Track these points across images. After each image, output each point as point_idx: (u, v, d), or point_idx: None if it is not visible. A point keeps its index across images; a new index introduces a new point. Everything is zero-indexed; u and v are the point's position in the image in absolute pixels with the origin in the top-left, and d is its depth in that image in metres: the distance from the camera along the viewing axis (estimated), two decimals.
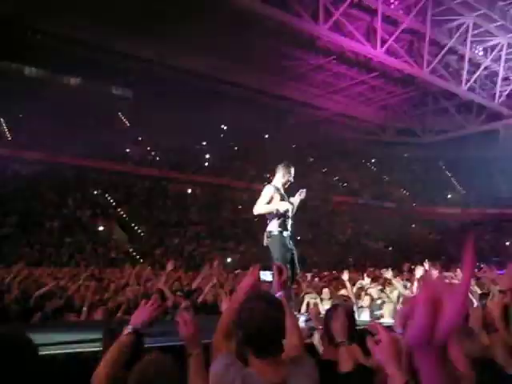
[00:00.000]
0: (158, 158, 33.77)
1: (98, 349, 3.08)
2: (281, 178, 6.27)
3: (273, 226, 6.16)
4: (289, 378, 2.27)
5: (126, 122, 34.79)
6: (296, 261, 6.10)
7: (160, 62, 30.21)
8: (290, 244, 6.11)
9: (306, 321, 5.01)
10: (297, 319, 3.02)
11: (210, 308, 7.47)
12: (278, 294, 2.86)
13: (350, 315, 3.22)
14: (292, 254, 6.09)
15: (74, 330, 4.80)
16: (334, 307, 3.16)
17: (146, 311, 2.62)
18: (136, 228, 28.46)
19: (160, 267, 16.40)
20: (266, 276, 2.98)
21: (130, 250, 26.34)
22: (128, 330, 2.52)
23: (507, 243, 39.82)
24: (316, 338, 3.52)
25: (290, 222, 6.25)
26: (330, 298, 8.75)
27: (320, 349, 3.40)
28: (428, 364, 1.10)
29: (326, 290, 9.08)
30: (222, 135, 39.23)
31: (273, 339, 2.28)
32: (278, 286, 2.92)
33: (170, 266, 8.06)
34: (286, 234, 6.12)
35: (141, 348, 2.63)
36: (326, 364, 2.84)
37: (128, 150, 32.92)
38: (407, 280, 9.94)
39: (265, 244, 6.10)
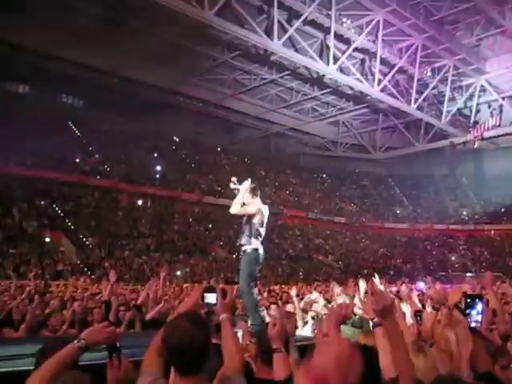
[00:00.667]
0: (108, 169, 33.24)
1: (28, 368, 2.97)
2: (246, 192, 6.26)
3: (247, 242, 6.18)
4: None
5: (77, 132, 34.15)
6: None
7: (112, 73, 29.86)
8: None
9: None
10: (239, 341, 3.02)
11: (160, 324, 7.35)
12: (222, 317, 2.85)
13: (286, 328, 3.25)
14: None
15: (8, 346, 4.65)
16: (272, 318, 3.21)
17: (103, 333, 2.55)
18: (84, 240, 27.91)
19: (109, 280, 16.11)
20: (211, 298, 2.97)
21: (78, 262, 25.79)
22: (81, 343, 2.45)
23: (452, 258, 40.86)
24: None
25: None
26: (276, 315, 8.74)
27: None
28: None
29: (273, 307, 9.07)
30: (173, 147, 39.00)
31: (194, 358, 2.30)
32: (221, 309, 2.92)
33: (112, 277, 7.85)
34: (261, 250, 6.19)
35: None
36: (260, 382, 2.84)
37: (77, 161, 32.31)
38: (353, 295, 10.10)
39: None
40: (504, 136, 34.43)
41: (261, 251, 6.22)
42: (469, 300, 2.92)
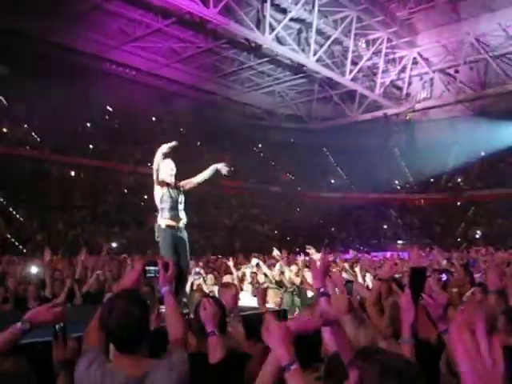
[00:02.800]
0: (38, 139, 32.13)
1: None
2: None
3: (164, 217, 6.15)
4: (149, 372, 2.31)
5: (3, 101, 32.74)
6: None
7: (40, 38, 28.71)
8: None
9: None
10: (181, 313, 3.02)
11: (95, 297, 7.28)
12: (164, 290, 2.85)
13: (221, 305, 3.25)
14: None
15: None
16: (202, 299, 3.17)
17: (49, 314, 2.49)
18: (15, 213, 27.04)
19: (42, 253, 15.75)
20: (153, 271, 2.96)
21: (9, 236, 25.00)
22: (24, 326, 2.38)
23: (385, 226, 42.12)
24: None
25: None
26: (214, 284, 8.83)
27: None
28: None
29: (210, 276, 9.15)
30: (107, 117, 38.08)
31: (130, 336, 2.31)
32: (163, 281, 2.90)
33: (47, 256, 7.70)
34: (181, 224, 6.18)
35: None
36: (196, 356, 2.85)
37: (5, 130, 31.06)
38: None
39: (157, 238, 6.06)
40: (434, 108, 35.49)
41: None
42: (413, 273, 3.04)
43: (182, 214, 6.26)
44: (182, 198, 6.33)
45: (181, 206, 6.29)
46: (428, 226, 39.53)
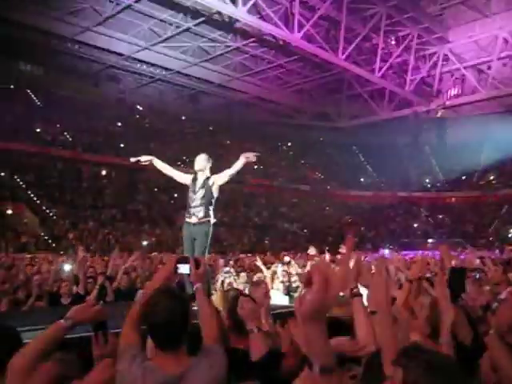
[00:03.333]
0: (70, 139, 32.64)
1: None
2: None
3: (211, 213, 6.19)
4: (190, 369, 2.33)
5: (36, 101, 33.32)
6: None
7: (71, 38, 29.11)
8: None
9: None
10: (216, 310, 3.04)
11: (126, 294, 7.37)
12: (196, 286, 2.87)
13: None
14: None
15: None
16: (240, 298, 3.17)
17: (90, 311, 2.54)
18: (48, 211, 27.51)
19: (74, 251, 15.99)
20: (184, 269, 2.98)
21: (42, 234, 25.45)
22: (68, 323, 2.44)
23: (415, 225, 41.68)
24: None
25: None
26: (246, 282, 8.83)
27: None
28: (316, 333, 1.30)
29: (242, 274, 9.16)
30: (137, 116, 38.45)
31: (173, 333, 2.33)
32: (195, 279, 2.93)
33: (80, 253, 7.84)
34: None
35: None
36: (236, 353, 2.86)
37: (38, 130, 31.62)
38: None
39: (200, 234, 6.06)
40: (465, 105, 34.92)
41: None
42: (453, 273, 3.00)
43: (197, 210, 6.25)
44: (200, 194, 6.30)
45: (196, 203, 6.27)
46: (459, 225, 38.99)
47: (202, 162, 6.40)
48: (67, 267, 9.20)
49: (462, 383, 1.62)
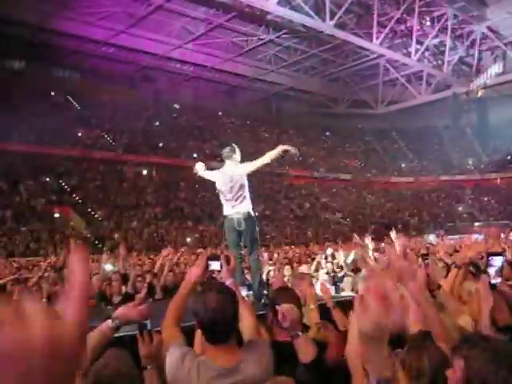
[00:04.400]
0: (111, 141, 33.19)
1: None
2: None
3: (250, 205, 6.06)
4: (241, 363, 2.36)
5: (76, 105, 33.98)
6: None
7: (106, 42, 29.60)
8: None
9: None
10: (249, 304, 3.07)
11: (173, 290, 7.45)
12: (228, 282, 2.92)
13: (299, 303, 3.23)
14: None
15: None
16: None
17: (136, 311, 2.60)
18: (93, 213, 28.08)
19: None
20: (215, 265, 3.04)
21: (88, 235, 25.98)
22: (115, 323, 2.50)
23: (460, 208, 40.92)
24: None
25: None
26: (290, 275, 8.83)
27: None
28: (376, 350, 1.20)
29: (287, 267, 9.16)
30: (174, 115, 38.82)
31: (225, 327, 2.36)
32: (226, 275, 2.98)
33: (122, 250, 7.98)
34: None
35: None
36: (279, 345, 2.87)
37: (80, 134, 32.26)
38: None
39: (242, 227, 5.98)
40: (507, 83, 34.05)
41: None
42: (490, 258, 2.95)
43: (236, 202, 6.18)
44: (233, 185, 6.19)
45: (229, 196, 6.18)
46: (506, 206, 38.08)
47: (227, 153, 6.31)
48: (109, 267, 9.36)
49: None
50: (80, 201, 28.43)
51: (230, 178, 5.96)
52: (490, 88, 35.03)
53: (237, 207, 5.98)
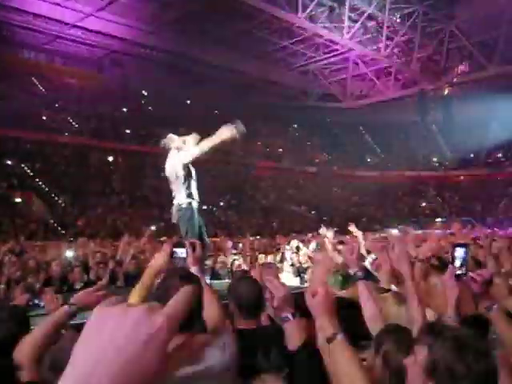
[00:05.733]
0: (76, 126, 32.64)
1: None
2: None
3: (183, 197, 6.02)
4: (204, 351, 2.33)
5: (42, 88, 33.29)
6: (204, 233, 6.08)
7: (76, 25, 29.02)
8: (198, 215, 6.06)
9: None
10: (213, 291, 3.03)
11: (134, 278, 7.39)
12: (193, 270, 2.89)
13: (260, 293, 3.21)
14: (200, 226, 6.04)
15: None
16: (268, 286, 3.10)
17: (94, 297, 2.56)
18: (56, 198, 27.62)
19: (82, 238, 16.03)
20: (181, 252, 3.01)
21: (51, 221, 25.57)
22: (71, 309, 2.45)
23: (423, 204, 41.59)
24: None
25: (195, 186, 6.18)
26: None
27: None
28: None
29: (260, 256, 9.21)
30: (142, 101, 38.39)
31: (190, 315, 2.31)
32: (192, 262, 2.96)
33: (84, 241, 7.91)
34: (195, 204, 6.06)
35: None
36: (245, 335, 2.84)
37: (44, 118, 31.63)
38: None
39: (175, 221, 5.98)
40: (473, 82, 34.62)
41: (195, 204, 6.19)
42: (455, 249, 2.99)
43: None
44: (170, 176, 6.23)
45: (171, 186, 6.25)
46: (468, 203, 38.86)
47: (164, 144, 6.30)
48: (70, 253, 9.24)
49: (488, 358, 1.62)
50: (43, 186, 27.92)
51: (168, 169, 5.99)
52: (457, 86, 35.58)
53: (175, 198, 6.01)
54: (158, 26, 30.31)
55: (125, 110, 36.26)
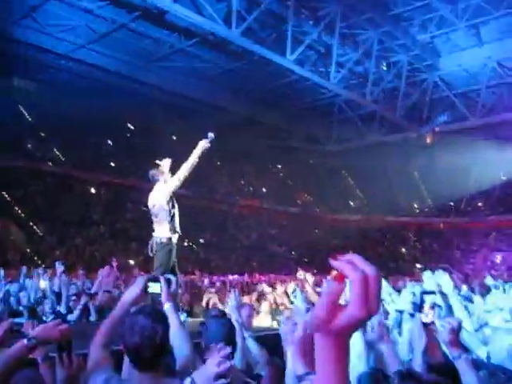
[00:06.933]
0: (60, 155, 32.52)
1: None
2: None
3: (166, 231, 5.99)
4: None
5: (28, 117, 33.22)
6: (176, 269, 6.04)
7: (67, 56, 29.15)
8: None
9: None
10: (186, 330, 3.00)
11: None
12: (166, 306, 2.85)
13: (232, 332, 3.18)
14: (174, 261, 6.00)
15: None
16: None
17: (55, 331, 2.48)
18: (35, 227, 27.30)
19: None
20: (155, 287, 2.96)
21: (28, 250, 25.22)
22: (30, 342, 2.37)
23: (403, 250, 41.75)
24: None
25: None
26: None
27: None
28: (325, 353, 1.12)
29: (232, 296, 9.08)
30: (128, 135, 38.43)
31: (151, 353, 2.27)
32: (166, 298, 2.92)
33: (59, 269, 7.82)
34: (175, 239, 6.05)
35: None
36: None
37: (29, 146, 31.50)
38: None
39: (151, 254, 5.95)
40: (455, 132, 35.23)
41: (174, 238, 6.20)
42: (423, 296, 2.99)
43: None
44: (153, 208, 6.22)
45: (152, 218, 6.25)
46: (447, 251, 39.09)
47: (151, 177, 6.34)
48: (43, 284, 9.08)
49: None
50: (23, 214, 27.61)
51: (152, 201, 6.00)
52: (439, 135, 36.15)
53: (156, 231, 6.02)
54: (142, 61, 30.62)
55: (110, 142, 36.26)
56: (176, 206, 6.28)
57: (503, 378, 2.51)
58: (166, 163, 6.33)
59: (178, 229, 6.18)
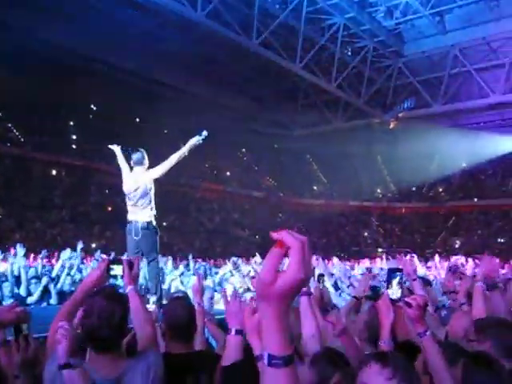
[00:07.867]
0: (20, 137, 31.78)
1: None
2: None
3: (151, 215, 6.03)
4: (127, 372, 2.26)
5: None
6: None
7: (27, 33, 28.37)
8: None
9: None
10: (149, 312, 2.97)
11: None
12: (128, 289, 2.81)
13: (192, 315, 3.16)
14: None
15: None
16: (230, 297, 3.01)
17: (11, 313, 2.41)
18: None
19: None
20: (118, 270, 2.92)
21: None
22: None
23: (365, 234, 42.31)
24: None
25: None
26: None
27: None
28: (268, 315, 1.23)
29: (194, 278, 9.13)
30: (91, 116, 37.79)
31: (109, 335, 2.25)
32: (127, 280, 2.87)
33: (20, 252, 7.68)
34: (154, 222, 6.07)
35: None
36: (177, 359, 2.78)
37: None
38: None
39: (139, 237, 5.92)
40: (417, 118, 35.70)
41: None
42: (390, 273, 3.01)
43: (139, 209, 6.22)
44: (137, 191, 6.22)
45: (133, 202, 6.24)
46: (408, 235, 39.79)
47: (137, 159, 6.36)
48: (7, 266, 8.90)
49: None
50: None
51: (136, 184, 5.94)
52: (402, 121, 36.59)
53: (138, 214, 5.95)
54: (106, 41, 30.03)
55: (72, 123, 35.58)
56: (153, 190, 6.30)
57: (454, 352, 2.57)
58: (116, 149, 6.35)
59: (155, 213, 6.20)
